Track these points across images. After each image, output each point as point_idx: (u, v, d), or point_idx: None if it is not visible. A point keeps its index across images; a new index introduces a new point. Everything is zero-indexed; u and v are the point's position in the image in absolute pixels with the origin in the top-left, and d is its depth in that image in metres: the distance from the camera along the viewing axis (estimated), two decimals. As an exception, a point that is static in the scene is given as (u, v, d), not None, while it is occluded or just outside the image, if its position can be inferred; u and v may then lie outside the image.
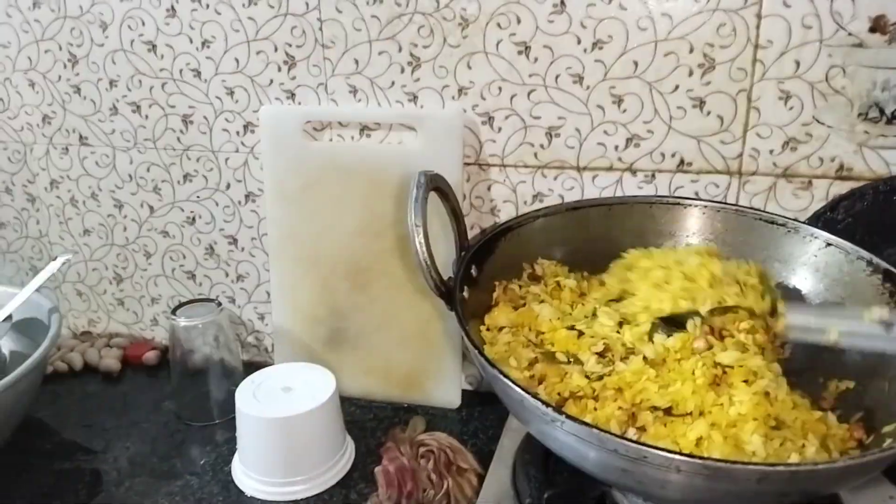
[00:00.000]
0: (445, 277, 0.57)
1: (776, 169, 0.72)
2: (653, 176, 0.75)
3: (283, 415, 0.72)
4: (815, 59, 0.67)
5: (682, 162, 0.74)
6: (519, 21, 0.73)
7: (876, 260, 0.56)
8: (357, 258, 0.84)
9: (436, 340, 0.84)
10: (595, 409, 0.51)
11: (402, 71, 0.78)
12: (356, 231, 0.83)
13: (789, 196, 0.72)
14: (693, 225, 0.69)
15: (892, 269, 0.54)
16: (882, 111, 0.67)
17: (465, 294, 0.56)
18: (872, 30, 0.65)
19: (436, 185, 0.57)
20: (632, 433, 0.49)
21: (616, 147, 0.75)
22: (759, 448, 0.46)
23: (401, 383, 0.87)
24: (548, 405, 0.45)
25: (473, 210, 0.82)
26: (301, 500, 0.73)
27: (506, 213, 0.81)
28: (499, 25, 0.73)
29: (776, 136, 0.70)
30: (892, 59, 0.65)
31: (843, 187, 0.70)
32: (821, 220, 0.71)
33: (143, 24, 0.84)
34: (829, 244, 0.60)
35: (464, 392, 0.86)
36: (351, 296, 0.86)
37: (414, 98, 0.79)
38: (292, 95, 0.83)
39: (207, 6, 0.81)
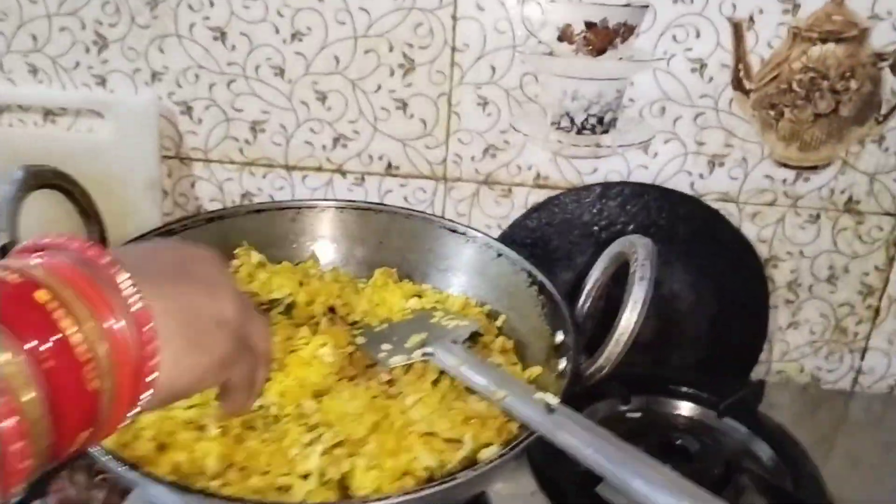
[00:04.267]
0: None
1: (478, 175, 0.71)
2: (362, 179, 0.72)
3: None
4: (509, 65, 0.67)
5: (389, 165, 0.72)
6: (212, 4, 0.66)
7: (534, 273, 0.56)
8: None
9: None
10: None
11: (88, 51, 0.70)
12: (40, 230, 0.74)
13: (492, 203, 0.72)
14: (359, 232, 0.65)
15: (546, 283, 0.55)
16: (573, 121, 0.68)
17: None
18: (560, 39, 0.66)
19: (47, 182, 0.49)
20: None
21: (324, 146, 0.71)
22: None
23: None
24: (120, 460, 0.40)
25: (178, 209, 0.75)
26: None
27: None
28: (191, 7, 0.67)
29: (476, 142, 0.70)
30: (580, 70, 0.66)
31: (540, 195, 0.71)
32: (518, 226, 0.72)
33: None
34: (500, 254, 0.60)
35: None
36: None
37: (102, 81, 0.71)
38: (-38, 71, 0.72)
39: None
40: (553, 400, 0.43)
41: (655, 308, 0.71)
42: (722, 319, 0.71)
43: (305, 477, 0.44)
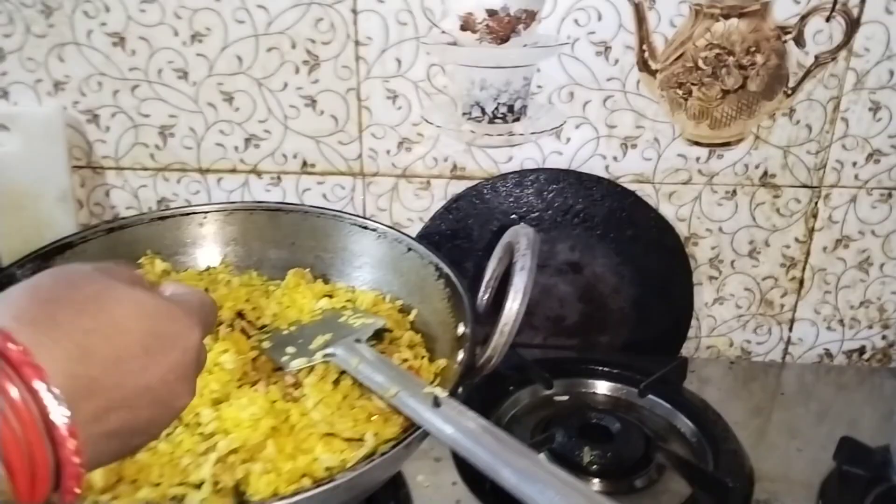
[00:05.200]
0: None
1: (395, 169, 0.70)
2: (279, 178, 0.72)
3: None
4: (414, 57, 0.66)
5: (305, 163, 0.71)
6: (108, 10, 0.65)
7: (441, 265, 0.56)
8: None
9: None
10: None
11: (-14, 63, 0.68)
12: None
13: (411, 196, 0.71)
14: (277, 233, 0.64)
15: (451, 275, 0.54)
16: (483, 110, 0.68)
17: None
18: (463, 28, 0.65)
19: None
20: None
21: (236, 148, 0.70)
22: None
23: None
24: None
25: (94, 218, 0.73)
26: None
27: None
28: (86, 14, 0.65)
29: (390, 136, 0.69)
30: (485, 58, 0.66)
31: (458, 186, 0.71)
32: (439, 219, 0.71)
33: None
34: (409, 249, 0.59)
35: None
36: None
37: (4, 94, 0.69)
38: None
39: None
40: (441, 393, 0.42)
41: (579, 293, 0.72)
42: (646, 300, 0.72)
43: (199, 486, 0.44)
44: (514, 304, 0.44)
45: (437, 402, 0.42)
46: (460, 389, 0.46)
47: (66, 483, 0.29)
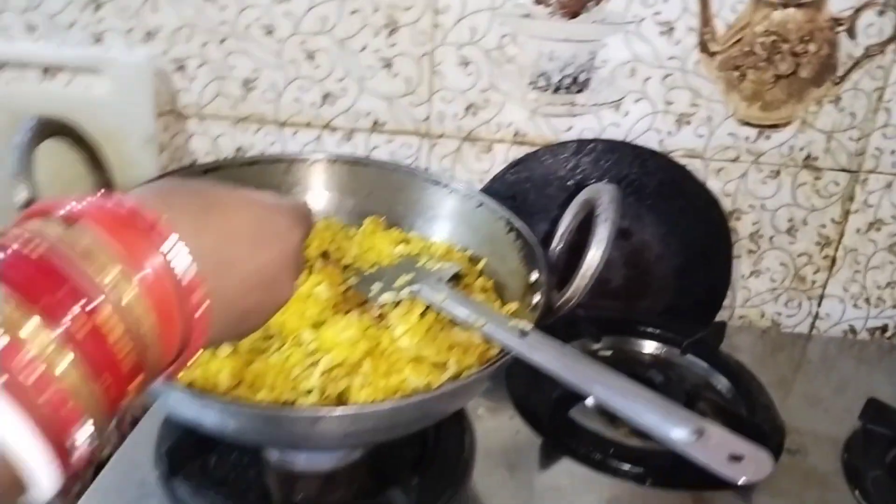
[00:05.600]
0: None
1: (460, 132, 0.75)
2: (350, 134, 0.76)
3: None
4: (488, 27, 0.70)
5: (376, 122, 0.75)
6: (203, -35, 0.69)
7: (512, 220, 0.61)
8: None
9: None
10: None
11: (84, 9, 0.72)
12: (43, 185, 0.76)
13: (473, 159, 0.76)
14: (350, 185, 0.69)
15: (523, 228, 0.59)
16: (549, 80, 0.72)
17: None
18: (537, 2, 0.69)
19: (58, 130, 0.52)
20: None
21: (313, 103, 0.75)
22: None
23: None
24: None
25: (174, 163, 0.78)
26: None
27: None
28: (183, -32, 0.70)
29: (458, 100, 0.73)
30: (555, 32, 0.70)
31: (519, 151, 0.75)
32: (498, 181, 0.76)
33: None
34: (481, 204, 0.64)
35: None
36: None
37: (98, 39, 0.73)
38: (-40, 29, 0.74)
39: None
40: (527, 326, 0.47)
41: (625, 258, 0.76)
42: (688, 268, 0.76)
43: (308, 393, 0.49)
44: (597, 252, 0.49)
45: (523, 333, 0.47)
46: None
47: (186, 353, 0.32)
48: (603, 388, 0.41)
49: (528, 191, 0.76)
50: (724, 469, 0.38)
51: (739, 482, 0.37)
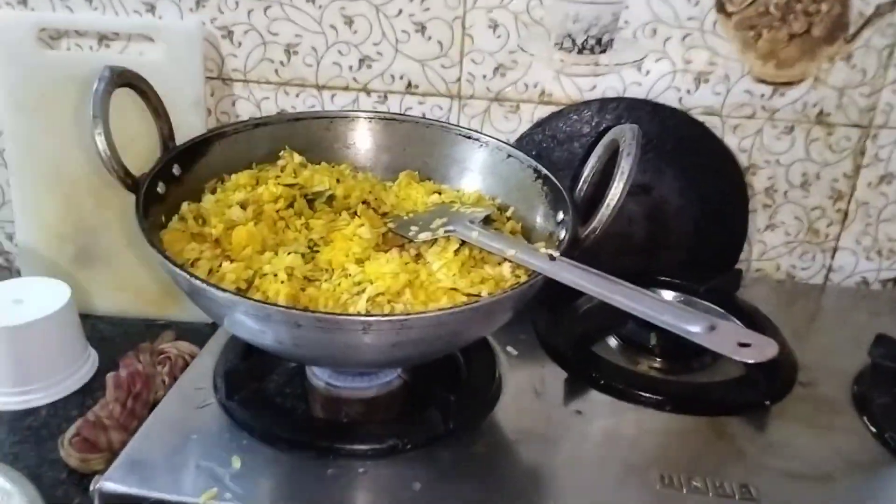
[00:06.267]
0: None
1: (489, 93, 0.79)
2: (385, 97, 0.81)
3: (9, 324, 0.72)
4: (517, -10, 0.75)
5: (409, 84, 0.80)
6: (250, -64, 0.74)
7: (539, 168, 0.65)
8: (101, 173, 0.82)
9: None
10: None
11: (138, -20, 0.78)
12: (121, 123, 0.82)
13: (501, 118, 0.80)
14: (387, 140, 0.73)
15: (549, 175, 0.63)
16: (574, 42, 0.76)
17: (162, 190, 0.59)
18: (563, -33, 0.73)
19: (127, 81, 0.58)
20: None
21: (350, 67, 0.80)
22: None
23: (154, 300, 0.88)
24: (220, 289, 0.49)
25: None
26: (37, 407, 0.74)
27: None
28: (231, -61, 0.75)
29: (488, 62, 0.78)
30: (580, -5, 0.74)
31: (545, 111, 0.79)
32: (525, 140, 0.80)
33: None
34: (509, 155, 0.68)
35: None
36: (97, 212, 0.85)
37: (152, 8, 0.79)
38: (24, 1, 0.80)
39: None
40: (555, 252, 0.52)
41: (646, 212, 0.80)
42: (706, 222, 0.80)
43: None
44: (619, 184, 0.53)
45: (552, 258, 0.51)
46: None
47: None
48: (624, 298, 0.46)
49: (553, 149, 0.80)
50: (735, 353, 0.42)
51: (749, 361, 0.42)
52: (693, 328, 0.44)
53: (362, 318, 0.49)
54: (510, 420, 0.60)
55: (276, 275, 0.55)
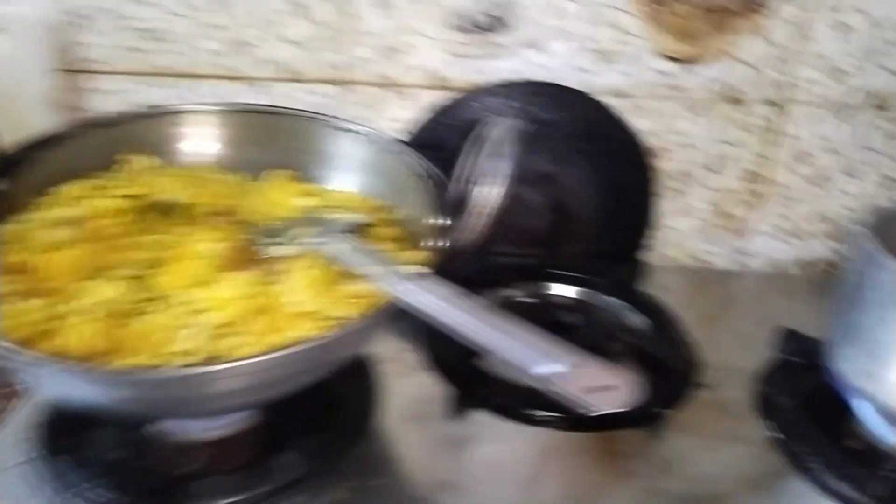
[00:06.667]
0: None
1: (382, 79, 0.73)
2: (267, 85, 0.73)
3: None
4: (402, -35, 0.67)
5: (293, 71, 0.72)
6: None
7: (417, 161, 0.58)
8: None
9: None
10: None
11: (-33, -41, 0.67)
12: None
13: (395, 107, 0.73)
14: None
15: (428, 170, 0.57)
16: (470, 21, 0.70)
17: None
18: (451, -62, 0.66)
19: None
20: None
21: (222, 53, 0.71)
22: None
23: None
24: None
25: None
26: None
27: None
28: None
29: (376, 45, 0.71)
30: (472, -30, 0.67)
31: (443, 97, 0.73)
32: (423, 129, 0.74)
33: None
34: (387, 148, 0.61)
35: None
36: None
37: (-12, -7, 0.69)
38: None
39: None
40: (416, 270, 0.47)
41: (549, 202, 0.76)
42: (613, 210, 0.76)
43: (185, 355, 0.46)
44: (482, 188, 0.48)
45: (413, 278, 0.46)
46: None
47: None
48: (471, 328, 0.42)
49: (454, 138, 0.74)
50: (585, 400, 0.38)
51: (601, 411, 0.38)
52: (538, 369, 0.40)
53: (175, 375, 0.42)
54: (388, 453, 0.55)
55: (82, 313, 0.47)
